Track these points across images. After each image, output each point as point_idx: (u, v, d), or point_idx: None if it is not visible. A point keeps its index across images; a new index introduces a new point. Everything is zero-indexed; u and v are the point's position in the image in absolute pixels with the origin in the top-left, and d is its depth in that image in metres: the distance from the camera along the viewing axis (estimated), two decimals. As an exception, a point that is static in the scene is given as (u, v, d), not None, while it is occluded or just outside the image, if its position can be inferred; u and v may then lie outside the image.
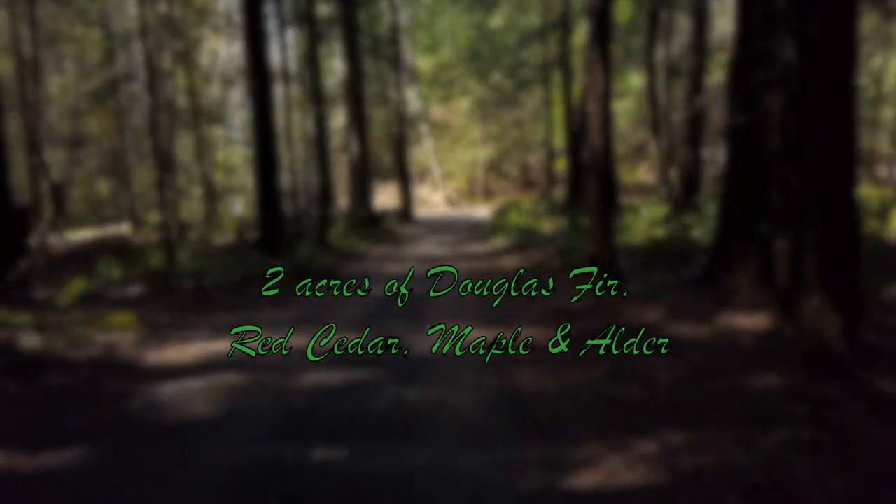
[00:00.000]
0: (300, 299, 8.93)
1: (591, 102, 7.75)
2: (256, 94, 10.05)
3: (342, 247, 14.38)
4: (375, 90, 25.04)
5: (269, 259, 10.19)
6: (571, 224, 13.71)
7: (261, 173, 10.25)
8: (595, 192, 7.75)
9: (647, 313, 6.29)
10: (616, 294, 7.47)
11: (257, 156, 10.28)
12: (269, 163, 10.24)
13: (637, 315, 6.29)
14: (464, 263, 12.08)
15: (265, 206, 10.40)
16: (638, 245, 10.95)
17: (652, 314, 6.24)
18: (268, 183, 10.28)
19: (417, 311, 7.76)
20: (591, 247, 7.96)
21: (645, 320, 6.12)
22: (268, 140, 10.21)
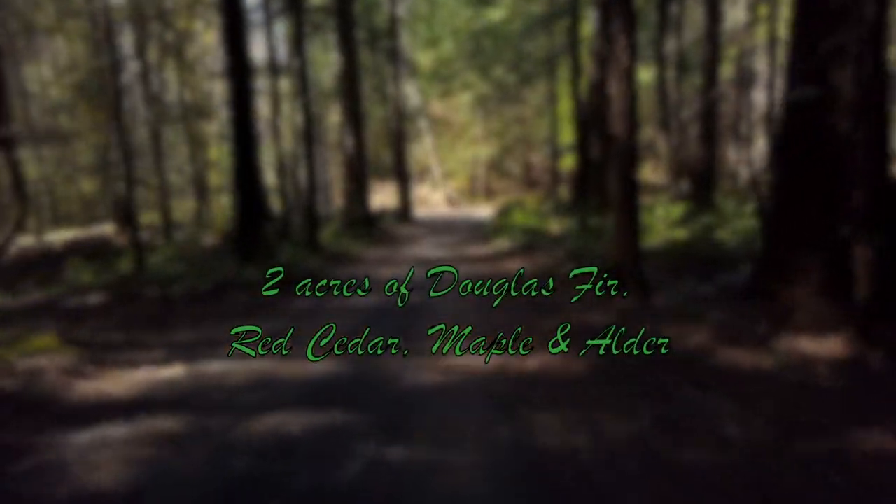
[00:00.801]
0: (279, 309, 7.73)
1: (614, 82, 6.55)
2: (233, 80, 8.86)
3: (333, 249, 13.18)
4: (373, 85, 23.83)
5: (245, 264, 8.99)
6: (581, 224, 12.50)
7: (237, 168, 9.08)
8: (619, 189, 6.55)
9: (689, 334, 5.08)
10: (642, 306, 6.27)
11: (234, 149, 9.10)
12: (246, 158, 9.05)
13: (677, 336, 5.08)
14: (465, 267, 10.88)
15: (242, 204, 9.21)
16: (657, 248, 9.74)
17: (695, 335, 5.03)
18: (245, 178, 9.09)
19: (413, 325, 6.55)
20: (612, 251, 6.76)
21: (688, 343, 4.91)
22: (245, 131, 9.02)
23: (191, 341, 6.37)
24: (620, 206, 6.64)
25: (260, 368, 5.28)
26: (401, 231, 19.66)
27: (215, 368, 5.33)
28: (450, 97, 30.22)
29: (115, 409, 4.35)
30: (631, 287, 6.55)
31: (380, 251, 14.33)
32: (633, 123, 6.47)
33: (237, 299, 8.25)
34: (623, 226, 6.63)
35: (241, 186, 9.11)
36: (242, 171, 9.09)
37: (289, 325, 6.79)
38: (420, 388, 4.61)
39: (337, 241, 14.15)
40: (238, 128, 9.06)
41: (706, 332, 5.03)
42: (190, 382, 4.98)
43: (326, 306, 7.90)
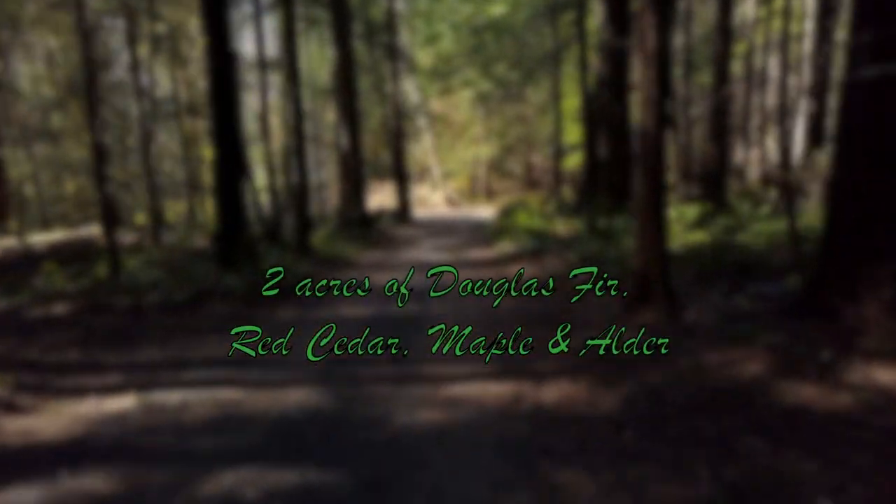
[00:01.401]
0: (258, 322, 6.85)
1: (639, 67, 5.69)
2: (213, 67, 7.98)
3: (326, 252, 12.31)
4: (371, 82, 22.94)
5: (226, 271, 8.11)
6: (589, 226, 11.63)
7: (218, 167, 8.20)
8: (643, 188, 5.68)
9: (738, 362, 4.20)
10: (672, 323, 5.40)
11: (214, 146, 8.23)
12: (228, 156, 8.18)
13: (723, 363, 4.21)
14: (468, 272, 10.01)
15: (223, 206, 8.33)
16: (676, 253, 8.86)
17: (746, 363, 4.15)
18: (227, 178, 8.22)
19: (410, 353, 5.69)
20: (637, 258, 5.89)
21: (739, 373, 4.04)
22: (227, 126, 8.14)
23: (155, 361, 5.50)
24: (644, 208, 5.77)
25: (226, 399, 4.42)
26: (399, 232, 18.79)
27: (174, 399, 4.46)
28: (450, 95, 29.33)
29: (36, 461, 3.48)
30: (657, 299, 5.68)
31: (376, 254, 13.46)
32: (661, 114, 5.60)
33: (214, 310, 7.37)
34: (647, 230, 5.76)
35: (222, 186, 8.23)
36: (224, 170, 8.22)
37: (265, 342, 5.92)
38: (415, 430, 3.74)
39: (330, 243, 13.27)
40: (219, 122, 8.19)
41: (759, 359, 4.15)
42: (140, 418, 4.11)
43: (311, 318, 7.02)
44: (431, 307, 7.36)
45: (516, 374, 4.63)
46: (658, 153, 5.67)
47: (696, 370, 4.09)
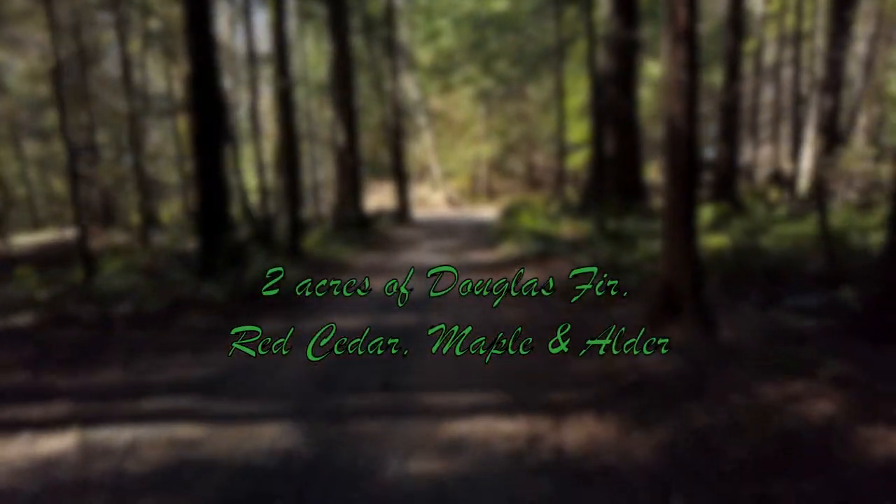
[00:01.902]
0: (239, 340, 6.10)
1: (667, 48, 4.93)
2: (192, 53, 7.22)
3: (320, 256, 11.56)
4: (370, 80, 22.15)
5: (206, 277, 7.36)
6: (598, 228, 10.87)
7: (198, 165, 7.44)
8: (671, 187, 4.93)
9: (802, 399, 3.45)
10: (707, 344, 4.64)
11: (192, 141, 7.47)
12: (208, 153, 7.42)
13: (782, 399, 3.46)
14: (471, 277, 9.26)
15: (203, 207, 7.58)
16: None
17: (814, 402, 3.39)
18: (207, 177, 7.46)
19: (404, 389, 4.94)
20: (663, 265, 5.13)
21: (808, 416, 3.28)
22: (207, 121, 7.39)
23: (112, 386, 4.76)
24: (672, 209, 5.01)
25: (185, 438, 3.67)
26: (397, 234, 18.02)
27: (123, 438, 3.71)
28: (450, 92, 28.55)
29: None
30: (687, 314, 4.93)
31: (372, 257, 12.70)
32: (693, 101, 4.85)
33: (190, 323, 6.61)
34: (675, 233, 5.01)
35: (202, 187, 7.48)
36: (204, 168, 7.47)
37: (233, 370, 5.17)
38: (407, 487, 3.00)
39: (324, 245, 12.52)
40: (198, 117, 7.44)
41: (828, 396, 3.40)
42: (74, 466, 3.37)
43: (297, 332, 6.27)
44: (431, 316, 6.60)
45: (530, 408, 3.88)
46: (689, 146, 4.91)
47: (752, 410, 3.33)
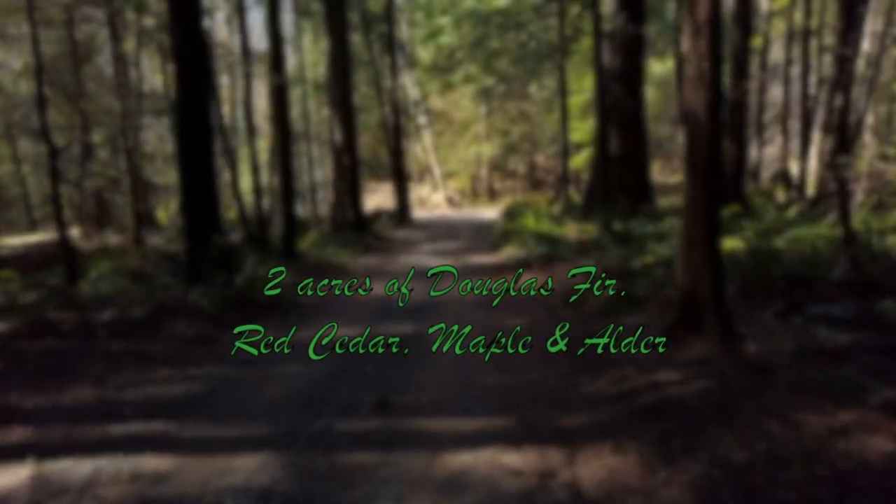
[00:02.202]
0: (219, 354, 5.69)
1: (689, 37, 4.51)
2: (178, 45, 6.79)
3: (316, 258, 11.14)
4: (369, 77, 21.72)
5: (194, 281, 6.95)
6: (604, 230, 10.44)
7: (183, 164, 7.00)
8: (694, 186, 4.51)
9: (851, 430, 3.01)
10: (731, 359, 4.21)
11: (178, 140, 7.04)
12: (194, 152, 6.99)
13: (829, 432, 3.03)
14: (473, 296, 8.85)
15: (189, 209, 7.15)
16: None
17: (866, 434, 2.96)
18: (193, 177, 7.03)
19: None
20: (682, 273, 4.71)
21: (862, 452, 2.84)
22: (193, 118, 6.96)
23: (83, 406, 4.34)
24: (693, 211, 4.59)
25: (151, 471, 3.26)
26: (397, 235, 17.61)
27: (83, 471, 3.30)
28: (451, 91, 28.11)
29: None
30: (709, 326, 4.50)
31: (370, 259, 12.29)
32: (716, 94, 4.42)
33: (175, 332, 6.19)
34: (697, 238, 4.58)
35: (187, 185, 7.05)
36: (189, 165, 7.04)
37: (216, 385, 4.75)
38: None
39: (321, 248, 12.10)
40: (183, 113, 7.01)
41: (884, 427, 2.97)
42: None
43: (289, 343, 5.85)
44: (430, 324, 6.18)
45: (539, 435, 3.46)
46: (711, 142, 4.49)
47: (795, 443, 2.90)
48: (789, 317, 5.34)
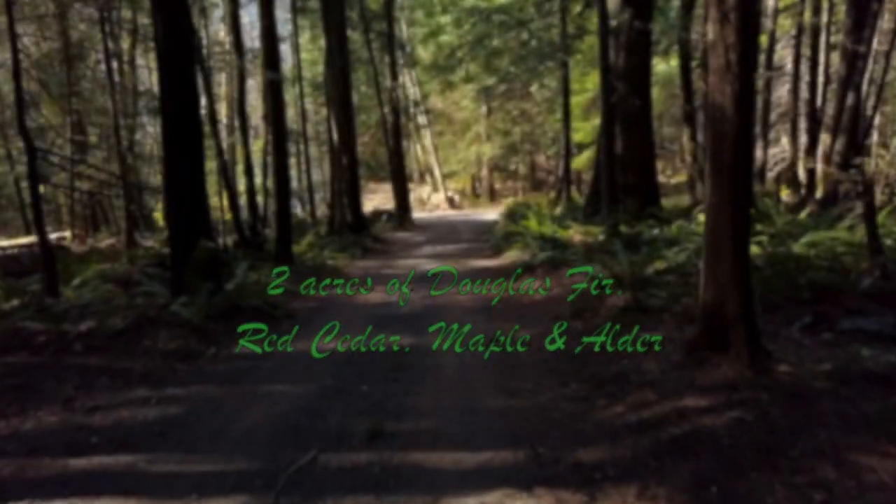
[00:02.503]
0: (206, 371, 5.26)
1: (714, 26, 4.07)
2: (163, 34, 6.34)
3: (312, 262, 10.70)
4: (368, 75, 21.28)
5: (179, 289, 6.51)
6: (611, 233, 9.99)
7: (168, 166, 6.57)
8: (719, 190, 4.06)
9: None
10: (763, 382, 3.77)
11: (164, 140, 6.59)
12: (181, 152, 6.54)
13: (894, 476, 2.59)
14: (469, 298, 8.41)
15: (174, 207, 6.72)
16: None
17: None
18: (179, 179, 6.59)
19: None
20: (706, 287, 4.26)
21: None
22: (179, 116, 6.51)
23: (45, 433, 3.91)
24: (718, 218, 4.15)
25: None
26: (396, 237, 17.18)
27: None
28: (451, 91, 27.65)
29: None
30: (738, 346, 4.06)
31: (368, 263, 11.86)
32: (745, 88, 3.98)
33: (155, 346, 5.75)
34: (722, 249, 4.15)
35: (172, 185, 6.62)
36: (175, 168, 6.60)
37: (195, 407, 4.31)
38: None
39: (317, 251, 11.67)
40: (168, 110, 6.57)
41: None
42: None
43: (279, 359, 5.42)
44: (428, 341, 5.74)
45: (553, 474, 3.03)
46: (740, 141, 4.05)
47: (858, 496, 2.46)
48: (818, 331, 4.90)
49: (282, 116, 9.29)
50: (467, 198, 34.04)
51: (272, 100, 9.11)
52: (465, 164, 32.78)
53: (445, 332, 6.06)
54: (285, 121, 9.91)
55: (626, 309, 5.69)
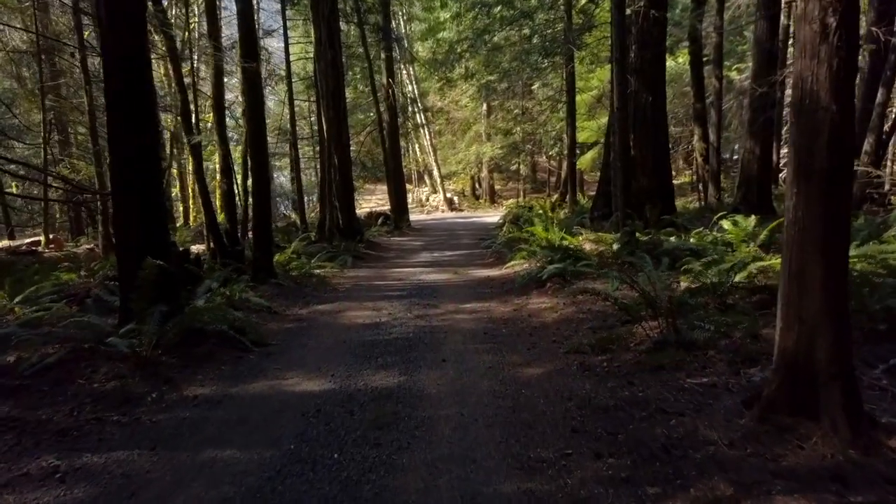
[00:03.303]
0: (140, 426, 4.17)
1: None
2: (108, 21, 5.28)
3: (296, 273, 9.63)
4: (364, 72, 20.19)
5: (125, 317, 5.43)
6: (629, 242, 8.92)
7: (113, 159, 5.48)
8: (806, 194, 2.99)
9: None
10: (871, 461, 2.70)
11: (110, 139, 5.50)
12: (126, 130, 5.45)
13: None
14: (474, 304, 7.34)
15: (121, 216, 5.62)
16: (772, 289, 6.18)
17: None
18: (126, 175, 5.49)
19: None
20: (785, 328, 3.20)
21: None
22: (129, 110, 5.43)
23: None
24: (803, 238, 3.09)
25: None
26: (392, 242, 16.11)
27: None
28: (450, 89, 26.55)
29: None
30: (831, 407, 2.99)
31: (359, 273, 10.78)
32: (848, 68, 2.92)
33: (89, 386, 4.67)
34: (810, 278, 3.08)
35: (118, 190, 5.52)
36: (122, 167, 5.51)
37: (108, 491, 3.23)
38: None
39: (303, 260, 10.58)
40: (115, 87, 5.47)
41: None
42: None
43: (215, 417, 4.34)
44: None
45: None
46: (841, 138, 2.97)
47: None
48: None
49: (260, 111, 8.19)
50: (467, 199, 32.97)
51: (249, 92, 8.02)
52: (464, 164, 31.69)
53: (442, 367, 5.00)
54: (264, 116, 8.82)
55: (663, 343, 4.61)
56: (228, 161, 9.37)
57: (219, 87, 8.74)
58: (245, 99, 8.67)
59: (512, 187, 33.83)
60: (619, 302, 5.28)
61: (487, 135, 30.23)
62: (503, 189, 34.22)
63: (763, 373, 3.95)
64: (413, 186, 33.83)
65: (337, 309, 7.67)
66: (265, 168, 8.29)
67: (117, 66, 5.44)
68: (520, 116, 28.50)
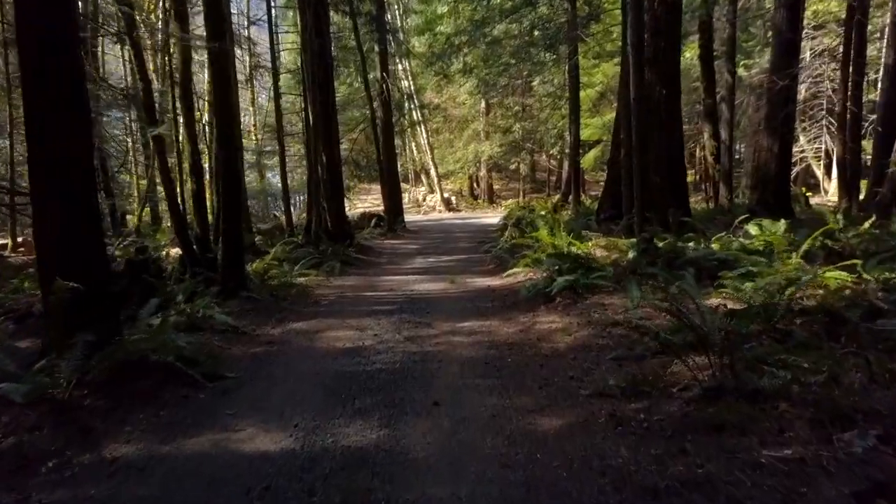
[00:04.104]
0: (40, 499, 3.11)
1: None
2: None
3: (275, 282, 8.57)
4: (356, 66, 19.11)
5: (45, 347, 4.37)
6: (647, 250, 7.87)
7: (32, 160, 4.43)
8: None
9: None
10: None
11: (28, 138, 4.45)
12: (45, 120, 4.40)
13: None
14: (472, 322, 6.29)
15: (44, 226, 4.56)
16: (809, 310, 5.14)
17: None
18: (49, 179, 4.44)
19: None
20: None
21: None
22: (49, 75, 4.37)
23: None
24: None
25: None
26: (384, 246, 15.05)
27: None
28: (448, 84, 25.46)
29: None
30: None
31: (346, 282, 9.73)
32: None
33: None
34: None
35: (41, 198, 4.47)
36: (40, 164, 4.46)
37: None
38: None
39: (285, 267, 9.52)
40: (32, 64, 4.42)
41: None
42: None
43: (128, 497, 3.28)
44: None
45: None
46: None
47: None
48: None
49: (227, 100, 7.11)
50: (465, 199, 31.93)
51: (216, 77, 6.93)
52: (462, 163, 30.60)
53: (434, 413, 3.96)
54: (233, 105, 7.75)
55: (718, 390, 3.55)
56: (197, 159, 8.30)
57: (186, 74, 7.68)
58: (211, 86, 7.60)
59: (511, 187, 32.79)
60: (661, 336, 4.19)
61: (486, 133, 29.17)
62: (502, 189, 33.19)
63: (865, 440, 2.90)
64: (409, 186, 32.80)
65: (315, 328, 6.61)
66: (234, 166, 7.22)
67: (33, 33, 4.36)
68: (520, 113, 27.44)
